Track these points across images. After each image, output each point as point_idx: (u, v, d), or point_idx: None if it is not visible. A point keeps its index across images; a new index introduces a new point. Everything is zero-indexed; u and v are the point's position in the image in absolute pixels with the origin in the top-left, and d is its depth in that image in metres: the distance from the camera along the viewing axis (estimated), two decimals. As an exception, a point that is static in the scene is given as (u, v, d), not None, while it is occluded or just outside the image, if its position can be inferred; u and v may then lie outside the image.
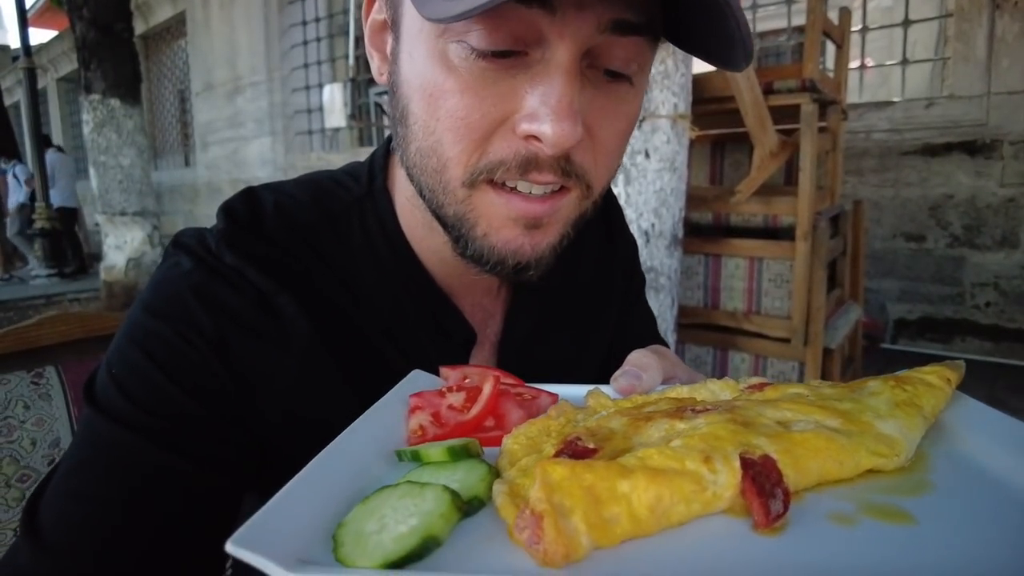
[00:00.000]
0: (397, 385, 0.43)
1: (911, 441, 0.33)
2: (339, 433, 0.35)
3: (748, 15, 3.91)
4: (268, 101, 6.59)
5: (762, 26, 4.30)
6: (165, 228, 5.41)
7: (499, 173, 0.42)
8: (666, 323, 2.21)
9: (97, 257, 5.58)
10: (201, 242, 0.49)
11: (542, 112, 0.39)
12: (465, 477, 0.30)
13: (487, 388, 0.40)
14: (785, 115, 2.30)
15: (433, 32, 0.40)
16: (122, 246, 4.90)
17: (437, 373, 0.49)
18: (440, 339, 0.54)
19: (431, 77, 0.41)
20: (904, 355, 3.38)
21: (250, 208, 0.51)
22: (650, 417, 0.34)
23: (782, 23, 4.13)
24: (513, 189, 0.42)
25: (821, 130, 2.38)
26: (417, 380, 0.45)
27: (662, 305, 2.18)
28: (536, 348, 0.60)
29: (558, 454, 0.31)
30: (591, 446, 0.31)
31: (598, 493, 0.26)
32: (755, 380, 0.42)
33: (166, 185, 8.15)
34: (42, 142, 6.52)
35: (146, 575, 0.40)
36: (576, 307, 0.64)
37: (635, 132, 2.06)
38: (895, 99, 3.52)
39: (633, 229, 2.16)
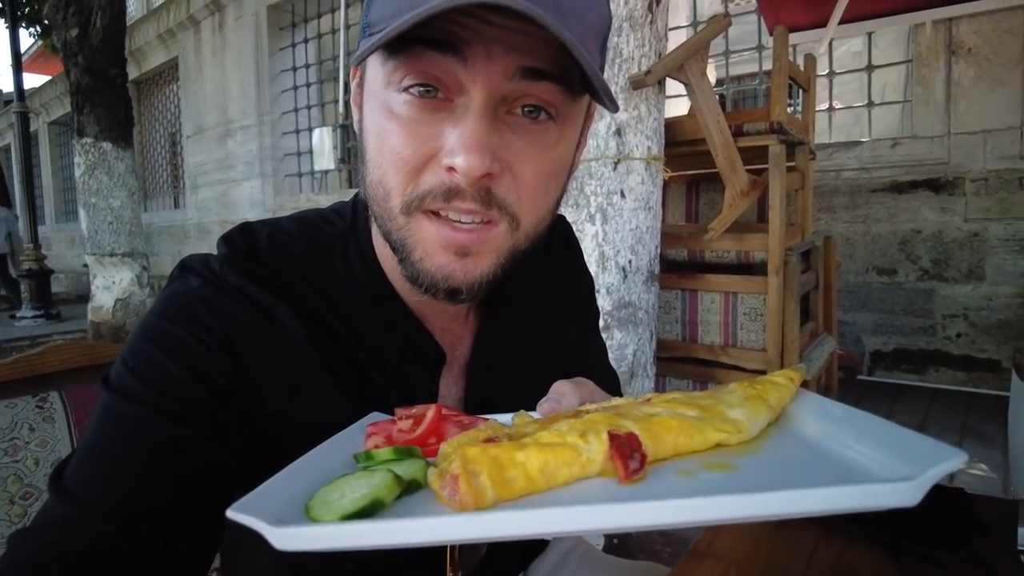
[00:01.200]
0: (356, 423, 0.50)
1: (755, 423, 0.42)
2: (325, 428, 0.43)
3: (721, 60, 4.09)
4: (258, 144, 6.70)
5: (735, 70, 4.48)
6: (154, 269, 5.44)
7: (428, 200, 0.48)
8: (645, 356, 2.27)
9: (84, 298, 5.59)
10: (206, 265, 0.55)
11: (457, 146, 0.46)
12: (407, 468, 0.38)
13: (430, 413, 0.47)
14: (756, 155, 2.40)
15: (381, 85, 0.49)
16: (110, 286, 4.91)
17: (410, 391, 0.58)
18: (413, 359, 0.60)
19: (380, 122, 0.49)
20: (881, 386, 3.45)
21: (247, 239, 0.58)
22: (555, 419, 0.43)
23: (754, 68, 4.31)
24: (444, 217, 0.49)
25: (790, 169, 2.49)
26: (372, 418, 0.52)
27: (641, 339, 2.24)
28: (501, 373, 0.66)
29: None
30: (505, 441, 0.39)
31: (501, 461, 0.35)
32: (652, 395, 0.50)
33: (156, 226, 8.20)
34: (29, 188, 6.55)
35: (156, 524, 0.46)
36: (539, 337, 0.71)
37: (610, 174, 2.15)
38: (863, 139, 3.66)
39: (611, 265, 2.24)
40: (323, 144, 5.55)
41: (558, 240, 0.77)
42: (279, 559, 0.32)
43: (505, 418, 0.51)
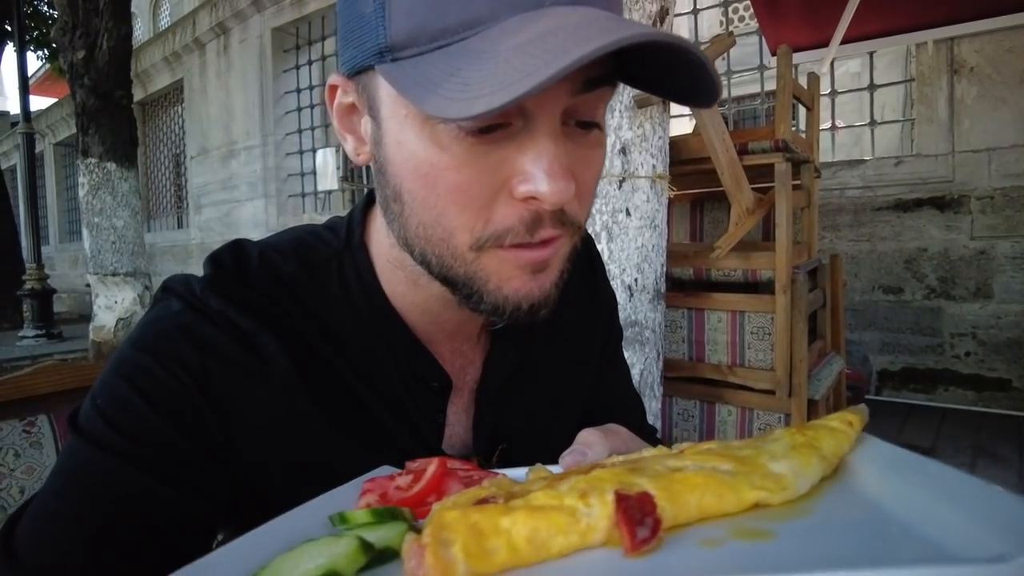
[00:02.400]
0: (356, 479, 0.45)
1: (804, 477, 0.35)
2: (317, 467, 0.38)
3: (724, 80, 4.10)
4: (262, 165, 6.73)
5: (737, 91, 4.49)
6: (156, 289, 5.43)
7: (508, 237, 0.44)
8: (652, 376, 2.24)
9: (86, 318, 5.57)
10: (188, 287, 0.52)
11: (537, 174, 0.41)
12: (384, 533, 0.33)
13: (431, 468, 0.42)
14: (760, 174, 2.39)
15: (420, 117, 0.42)
16: (112, 306, 4.90)
17: (413, 421, 0.53)
18: (417, 385, 0.56)
19: (425, 157, 0.43)
20: (889, 405, 3.41)
21: (235, 258, 0.55)
22: (564, 477, 0.36)
23: (756, 88, 4.32)
24: (519, 245, 0.45)
25: (795, 188, 2.47)
26: (381, 472, 0.47)
27: (648, 358, 2.21)
28: (514, 396, 0.62)
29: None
30: (500, 501, 0.33)
31: (481, 528, 0.29)
32: (686, 445, 0.43)
33: (159, 246, 8.21)
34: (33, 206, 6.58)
35: None
36: (557, 358, 0.66)
37: (615, 192, 2.14)
38: (866, 157, 3.66)
39: (616, 284, 2.21)
40: (326, 164, 5.57)
41: (581, 255, 0.69)
42: None
43: (520, 473, 0.45)
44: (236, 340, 0.50)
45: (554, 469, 0.44)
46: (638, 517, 0.30)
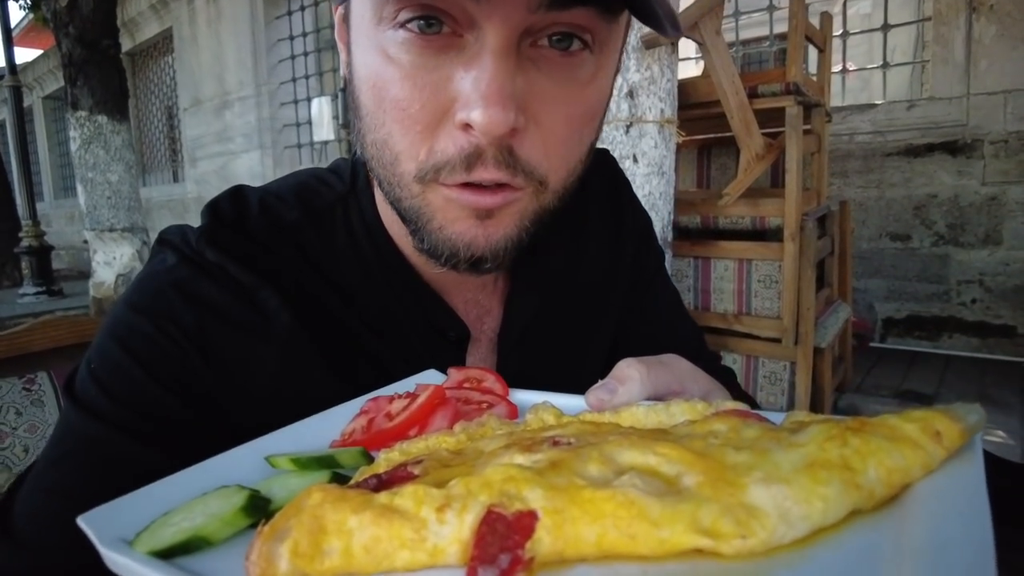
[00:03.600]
0: (394, 384, 0.43)
1: (796, 519, 0.24)
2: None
3: (731, 22, 3.97)
4: (256, 116, 6.59)
5: (745, 34, 4.34)
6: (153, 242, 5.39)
7: (445, 173, 0.41)
8: (657, 326, 2.23)
9: (85, 274, 5.54)
10: (184, 239, 0.48)
11: (473, 97, 0.37)
12: (293, 487, 0.31)
13: (422, 398, 0.39)
14: (770, 118, 2.32)
15: (372, 21, 0.40)
16: (111, 262, 4.87)
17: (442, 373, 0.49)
18: (432, 337, 0.53)
19: (374, 68, 0.41)
20: (894, 353, 3.41)
21: (235, 206, 0.51)
22: (521, 441, 0.31)
23: (764, 31, 4.18)
24: (464, 184, 0.42)
25: (806, 132, 2.41)
26: (421, 378, 0.44)
27: (653, 308, 2.20)
28: (537, 342, 0.58)
29: (375, 478, 0.30)
30: (416, 472, 0.29)
31: (324, 524, 0.25)
32: (731, 406, 0.35)
33: (155, 201, 8.12)
34: (26, 161, 6.48)
35: None
36: (580, 294, 0.62)
37: (622, 138, 2.08)
38: (877, 101, 3.56)
39: (622, 233, 2.18)
40: (322, 114, 5.44)
41: (601, 179, 0.65)
42: None
43: (559, 400, 0.40)
44: (235, 296, 0.47)
45: (574, 405, 0.39)
46: (493, 551, 0.23)
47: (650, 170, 2.09)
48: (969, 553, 0.20)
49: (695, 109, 2.34)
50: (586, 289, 0.63)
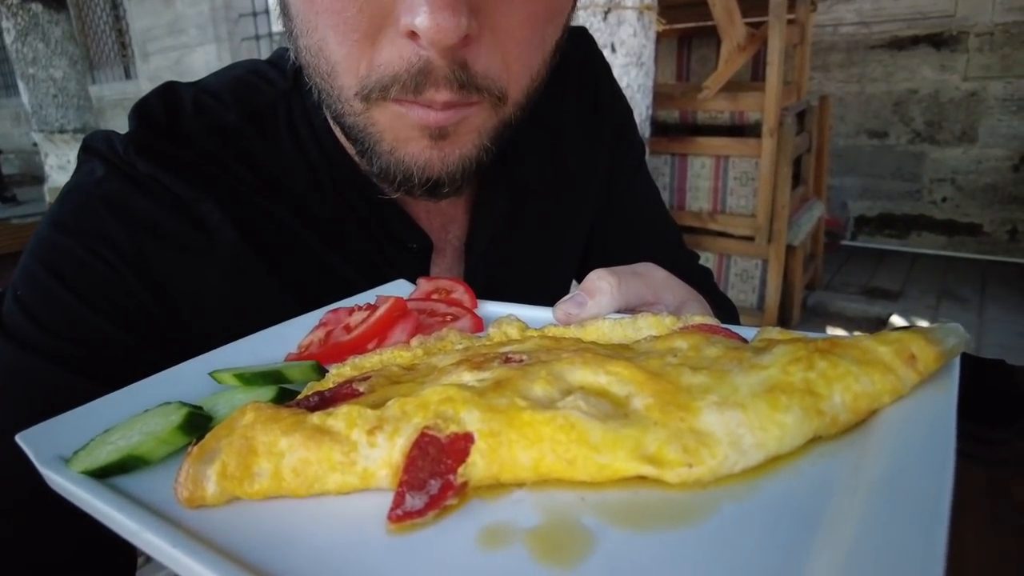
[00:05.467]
0: (362, 293, 0.40)
1: (750, 448, 0.23)
2: None
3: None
4: (209, 5, 6.13)
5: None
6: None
7: (393, 91, 0.36)
8: (632, 225, 2.21)
9: (39, 179, 5.30)
10: (111, 147, 0.43)
11: (417, 1, 0.32)
12: (234, 403, 0.29)
13: (381, 310, 0.36)
14: (753, 6, 2.22)
15: None
16: (65, 165, 4.64)
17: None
18: (393, 248, 0.49)
19: None
20: (863, 251, 3.47)
21: (166, 107, 0.46)
22: (472, 359, 0.29)
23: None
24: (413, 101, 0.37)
25: (789, 22, 2.31)
26: (390, 289, 0.42)
27: (628, 207, 2.17)
28: (507, 249, 0.55)
29: (317, 395, 0.28)
30: (361, 390, 0.28)
31: (254, 446, 0.24)
32: (699, 320, 0.34)
33: (108, 99, 7.67)
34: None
35: (57, 514, 0.36)
36: (552, 196, 0.58)
37: (600, 24, 1.96)
38: (864, -10, 3.42)
39: (599, 129, 2.11)
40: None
41: (576, 61, 0.59)
42: None
43: (500, 310, 0.39)
44: (172, 209, 0.42)
45: (541, 318, 0.37)
46: (423, 476, 0.22)
47: (628, 60, 1.99)
48: (925, 488, 0.20)
49: (677, -5, 2.23)
50: (559, 189, 0.59)
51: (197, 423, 0.27)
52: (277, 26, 5.25)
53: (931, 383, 0.26)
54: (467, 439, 0.23)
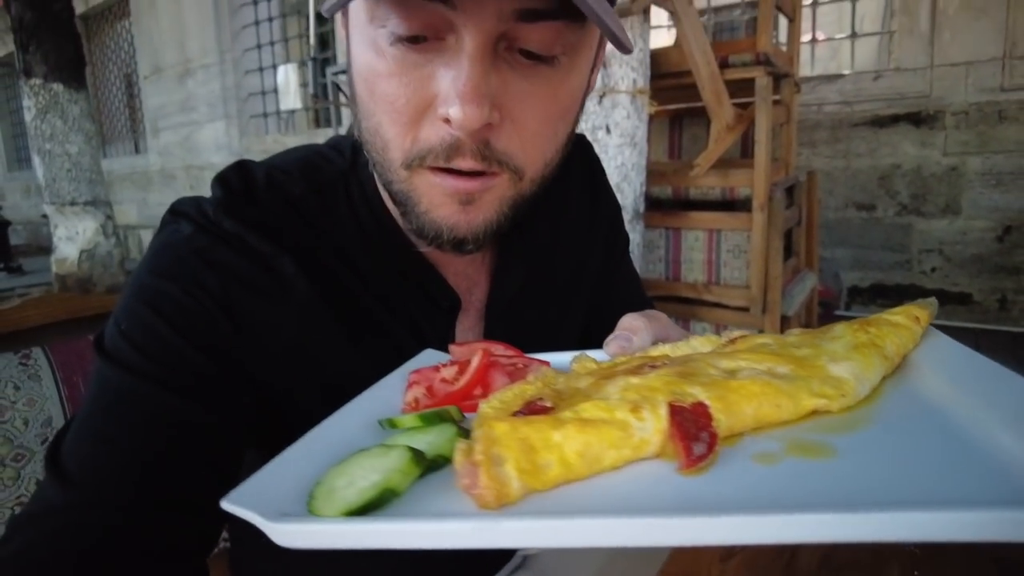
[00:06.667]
0: (406, 363, 0.46)
1: (865, 381, 0.34)
2: (339, 388, 0.39)
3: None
4: (220, 84, 6.40)
5: (717, 1, 4.34)
6: (118, 218, 5.24)
7: (429, 159, 0.45)
8: (631, 296, 2.27)
9: (45, 250, 5.38)
10: (199, 209, 0.51)
11: (451, 95, 0.41)
12: (435, 439, 0.33)
13: (475, 360, 0.43)
14: (740, 88, 2.35)
15: (365, 19, 0.44)
16: (74, 237, 4.73)
17: (425, 340, 0.53)
18: (427, 305, 0.57)
19: (366, 61, 0.45)
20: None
21: (243, 179, 0.54)
22: (612, 375, 0.36)
23: (735, -2, 4.18)
24: (446, 169, 0.46)
25: (775, 103, 2.44)
26: (425, 357, 0.48)
27: (626, 278, 2.23)
28: (521, 312, 0.63)
29: (516, 414, 0.33)
30: (548, 404, 0.33)
31: (532, 443, 0.28)
32: (736, 333, 0.43)
33: (117, 173, 7.87)
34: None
35: (161, 509, 0.44)
36: (560, 269, 0.68)
37: (595, 108, 2.08)
38: (845, 72, 3.61)
39: (596, 205, 2.20)
40: (288, 82, 5.32)
41: (578, 162, 0.71)
42: (283, 551, 0.28)
43: (564, 359, 0.46)
44: (254, 263, 0.50)
45: (597, 354, 0.44)
46: (693, 432, 0.29)
47: (623, 141, 2.10)
48: (972, 363, 0.34)
49: (667, 79, 2.36)
50: (565, 263, 0.68)
51: (419, 456, 0.31)
52: (284, 105, 5.47)
53: (927, 333, 0.40)
54: (703, 405, 0.30)
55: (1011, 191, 3.15)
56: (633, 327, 0.45)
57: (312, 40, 5.22)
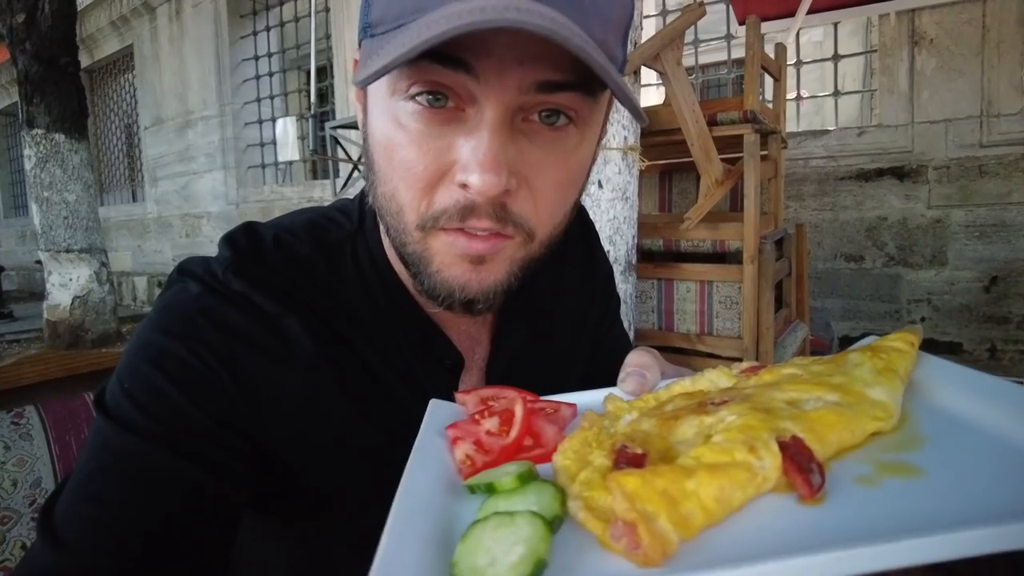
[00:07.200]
0: (425, 420, 0.43)
1: (897, 402, 0.37)
2: (341, 446, 0.39)
3: (691, 49, 4.10)
4: (220, 135, 6.52)
5: (705, 59, 4.50)
6: (113, 264, 5.25)
7: (443, 220, 0.46)
8: (624, 346, 2.27)
9: (37, 296, 5.36)
10: (207, 270, 0.52)
11: (471, 163, 0.42)
12: (539, 499, 0.32)
13: (519, 410, 0.41)
14: (729, 145, 2.41)
15: (387, 93, 0.45)
16: (67, 284, 4.73)
17: (437, 398, 0.49)
18: (431, 365, 0.57)
19: (386, 132, 0.46)
20: (849, 370, 3.53)
21: (251, 240, 0.55)
22: (677, 415, 0.37)
23: (723, 56, 4.33)
24: (459, 229, 0.47)
25: (763, 158, 2.51)
26: (438, 409, 0.46)
27: (619, 329, 2.25)
28: (522, 370, 0.63)
29: (616, 464, 0.33)
30: (639, 451, 0.34)
31: (672, 494, 0.29)
32: (746, 365, 0.45)
33: (114, 220, 7.92)
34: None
35: (158, 573, 0.43)
36: (558, 329, 0.69)
37: (588, 163, 2.14)
38: (830, 127, 3.72)
39: (589, 256, 2.23)
40: (287, 134, 5.42)
41: (577, 229, 0.73)
42: None
43: (583, 399, 0.46)
44: (260, 323, 0.50)
45: (617, 392, 0.45)
46: (804, 464, 0.31)
47: (615, 195, 2.15)
48: (971, 379, 0.38)
49: (657, 136, 2.42)
50: (564, 323, 0.70)
51: (548, 521, 0.30)
52: (282, 156, 5.56)
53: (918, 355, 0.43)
54: (799, 439, 0.32)
55: (995, 242, 3.22)
56: (643, 363, 0.46)
57: (312, 96, 5.35)
